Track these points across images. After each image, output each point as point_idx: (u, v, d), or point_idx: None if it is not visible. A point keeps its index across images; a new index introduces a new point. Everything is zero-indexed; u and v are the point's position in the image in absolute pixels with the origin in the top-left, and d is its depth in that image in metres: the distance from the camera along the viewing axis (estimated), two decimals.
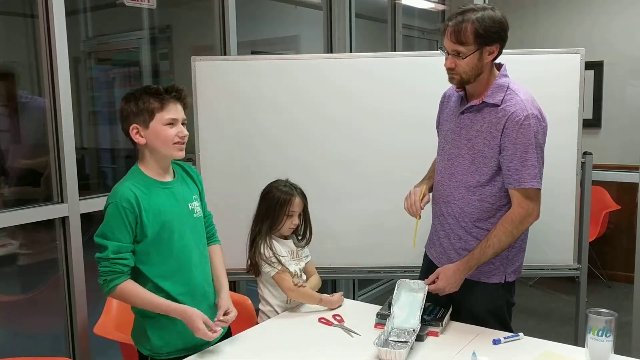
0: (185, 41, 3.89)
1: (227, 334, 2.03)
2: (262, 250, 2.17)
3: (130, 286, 1.81)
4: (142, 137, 1.82)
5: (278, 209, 2.19)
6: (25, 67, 2.88)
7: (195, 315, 1.80)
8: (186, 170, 2.03)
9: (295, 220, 2.21)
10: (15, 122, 2.86)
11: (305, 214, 2.27)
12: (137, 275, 1.85)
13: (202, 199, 2.06)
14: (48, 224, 2.53)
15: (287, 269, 2.17)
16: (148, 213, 1.81)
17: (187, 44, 3.88)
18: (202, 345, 1.88)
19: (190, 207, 1.94)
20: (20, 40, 2.88)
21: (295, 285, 2.15)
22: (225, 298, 1.97)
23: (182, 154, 1.87)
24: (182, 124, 1.86)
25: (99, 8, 3.72)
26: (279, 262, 2.16)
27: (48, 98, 2.46)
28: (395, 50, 4.69)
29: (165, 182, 1.90)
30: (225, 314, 1.92)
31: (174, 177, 1.95)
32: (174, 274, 1.88)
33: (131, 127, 1.82)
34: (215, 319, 1.88)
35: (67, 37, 2.46)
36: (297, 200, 2.21)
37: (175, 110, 1.83)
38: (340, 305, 2.19)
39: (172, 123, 1.82)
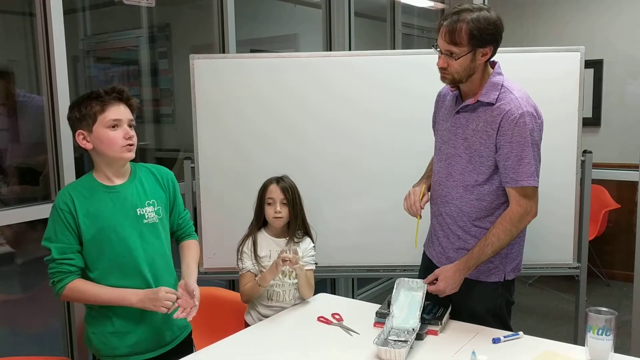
0: (184, 40, 3.88)
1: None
2: (241, 245, 2.21)
3: (79, 284, 1.82)
4: (89, 142, 1.81)
5: (259, 199, 2.23)
6: (23, 66, 2.87)
7: (152, 291, 1.79)
8: (154, 174, 1.99)
9: (278, 208, 2.17)
10: (13, 120, 2.85)
11: (293, 207, 2.20)
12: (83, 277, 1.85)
13: (175, 202, 2.03)
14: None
15: (251, 271, 2.18)
16: (85, 217, 1.81)
17: (186, 43, 3.87)
18: (143, 350, 1.90)
19: (139, 212, 1.89)
20: (18, 38, 2.87)
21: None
22: (192, 282, 1.91)
23: (131, 155, 1.85)
24: (129, 125, 1.84)
25: (97, 6, 3.71)
26: (256, 262, 2.18)
27: (46, 97, 2.45)
28: (394, 49, 4.68)
29: (111, 187, 1.87)
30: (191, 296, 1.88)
31: (128, 180, 1.91)
32: (114, 279, 1.85)
33: (77, 134, 1.81)
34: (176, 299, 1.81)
35: (66, 36, 2.45)
36: (272, 187, 2.19)
37: (117, 111, 1.81)
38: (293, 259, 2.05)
39: (115, 125, 1.81)
